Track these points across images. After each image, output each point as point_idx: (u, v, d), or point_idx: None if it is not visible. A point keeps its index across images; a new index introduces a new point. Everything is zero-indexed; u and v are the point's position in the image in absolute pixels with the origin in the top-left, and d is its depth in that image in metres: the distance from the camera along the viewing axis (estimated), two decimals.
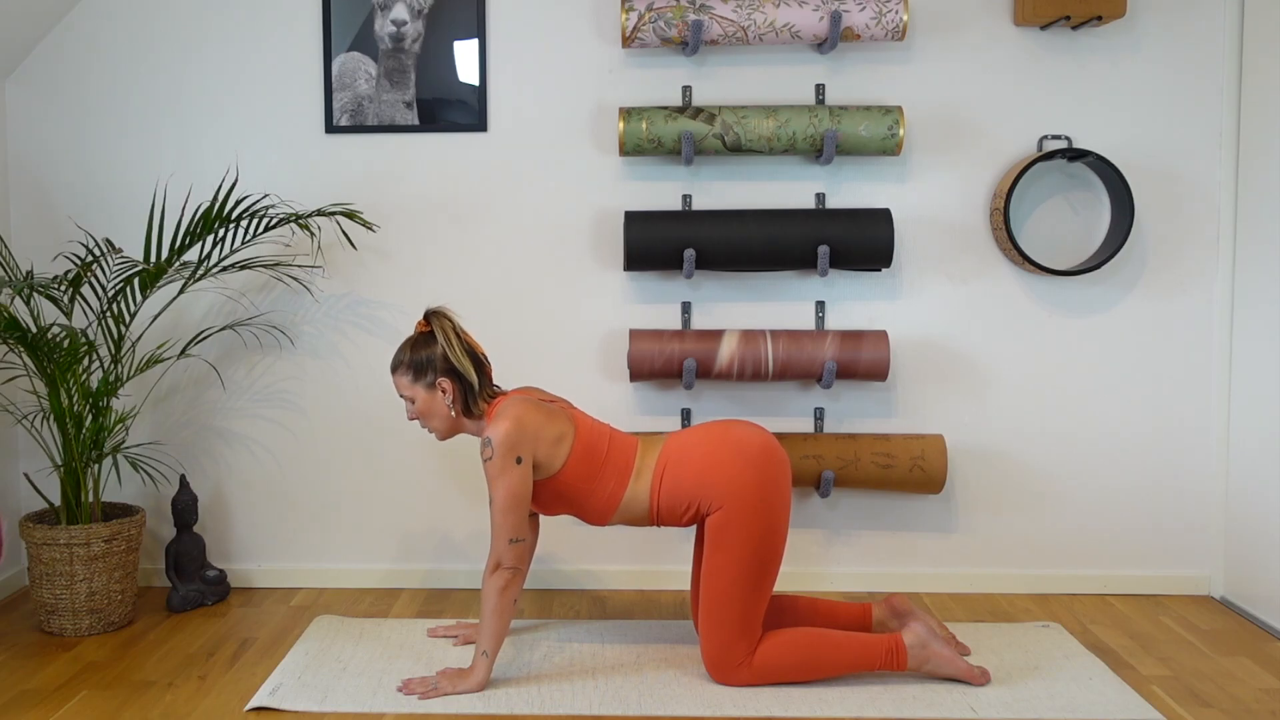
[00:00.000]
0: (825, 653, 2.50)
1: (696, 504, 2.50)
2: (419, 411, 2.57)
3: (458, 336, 2.54)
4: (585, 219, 3.21)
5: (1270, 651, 2.78)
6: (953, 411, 3.22)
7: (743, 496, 2.45)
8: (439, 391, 2.53)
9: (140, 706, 2.44)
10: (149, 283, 2.90)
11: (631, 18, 2.98)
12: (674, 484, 2.51)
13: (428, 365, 2.53)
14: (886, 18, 2.97)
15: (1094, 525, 3.24)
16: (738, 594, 2.46)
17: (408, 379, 2.55)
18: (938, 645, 2.52)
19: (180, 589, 3.08)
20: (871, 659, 2.51)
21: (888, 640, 2.52)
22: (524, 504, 2.45)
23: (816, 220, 3.04)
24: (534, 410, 2.48)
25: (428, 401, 2.55)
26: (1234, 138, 3.12)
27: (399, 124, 3.18)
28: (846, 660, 2.50)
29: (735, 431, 2.54)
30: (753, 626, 2.48)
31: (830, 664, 2.50)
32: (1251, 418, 3.06)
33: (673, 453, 2.54)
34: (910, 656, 2.51)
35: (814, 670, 2.51)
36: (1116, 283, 3.18)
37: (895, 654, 2.51)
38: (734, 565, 2.45)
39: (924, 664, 2.52)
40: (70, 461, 2.90)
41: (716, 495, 2.47)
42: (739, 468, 2.47)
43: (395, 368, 2.57)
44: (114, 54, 3.20)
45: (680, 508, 2.52)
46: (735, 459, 2.48)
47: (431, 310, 2.56)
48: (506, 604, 2.46)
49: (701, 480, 2.48)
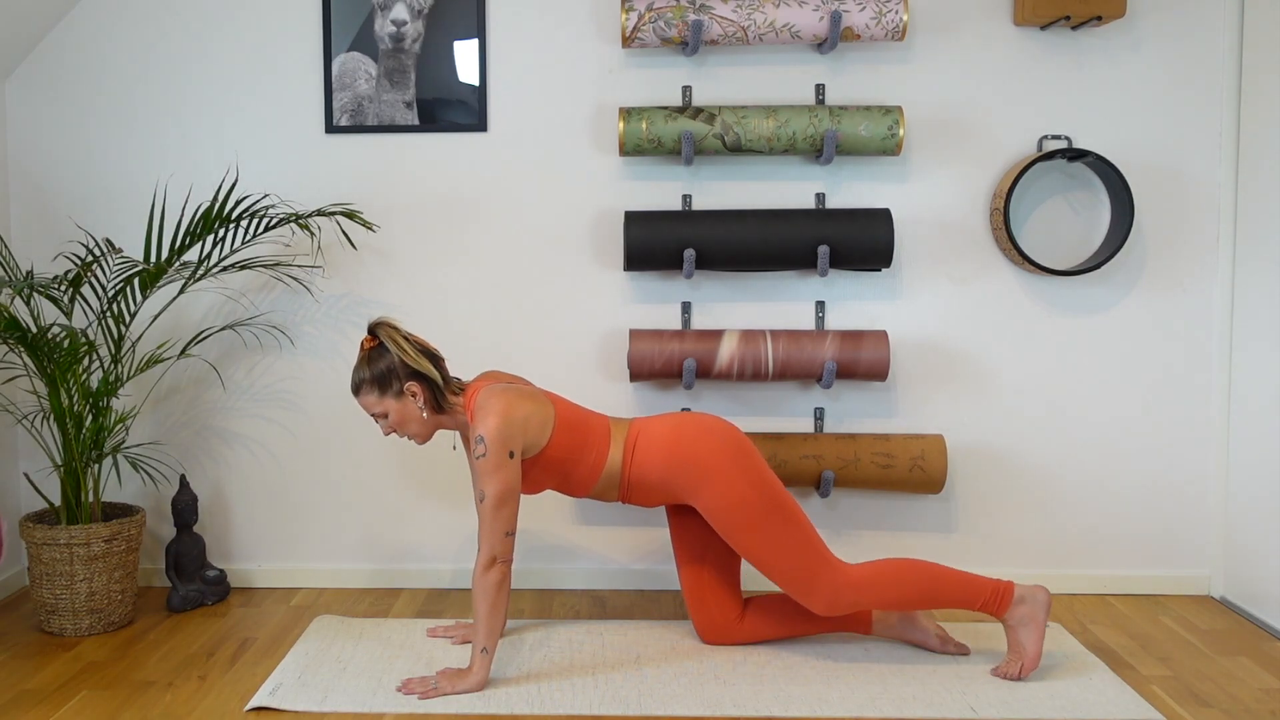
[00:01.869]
0: (928, 583, 2.54)
1: (669, 483, 2.57)
2: (394, 423, 2.57)
3: (407, 340, 2.54)
4: (585, 219, 3.21)
5: (1270, 651, 2.78)
6: (953, 411, 3.22)
7: (722, 468, 2.52)
8: (409, 397, 2.54)
9: (140, 706, 2.44)
10: (149, 283, 2.90)
11: (631, 18, 2.98)
12: (644, 455, 2.58)
13: (390, 375, 2.54)
14: (886, 18, 2.97)
15: (1094, 525, 3.24)
16: (780, 542, 2.52)
17: (374, 395, 2.55)
18: (1041, 612, 2.55)
19: (180, 589, 3.08)
20: (975, 596, 2.54)
21: (994, 582, 2.56)
22: (517, 497, 2.47)
23: (816, 220, 3.04)
24: (515, 398, 2.50)
25: (400, 410, 2.56)
26: (1234, 138, 3.12)
27: (399, 124, 3.18)
28: (949, 593, 2.54)
29: (698, 416, 2.65)
30: (822, 554, 2.54)
31: (933, 594, 2.54)
32: (1251, 417, 3.06)
33: (642, 428, 2.63)
34: (1014, 602, 2.54)
35: (915, 599, 2.54)
36: (1116, 283, 3.18)
37: (1000, 595, 2.54)
38: (756, 528, 2.52)
39: (1018, 619, 2.55)
40: (70, 461, 2.90)
41: (693, 477, 2.54)
42: (709, 441, 2.55)
43: (358, 389, 2.57)
44: (114, 54, 3.20)
45: (652, 481, 2.59)
46: (704, 435, 2.57)
47: (374, 323, 2.57)
48: (503, 599, 2.47)
49: (674, 452, 2.56)
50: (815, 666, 2.63)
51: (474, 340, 3.24)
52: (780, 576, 2.55)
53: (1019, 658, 2.55)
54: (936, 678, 2.56)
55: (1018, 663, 2.55)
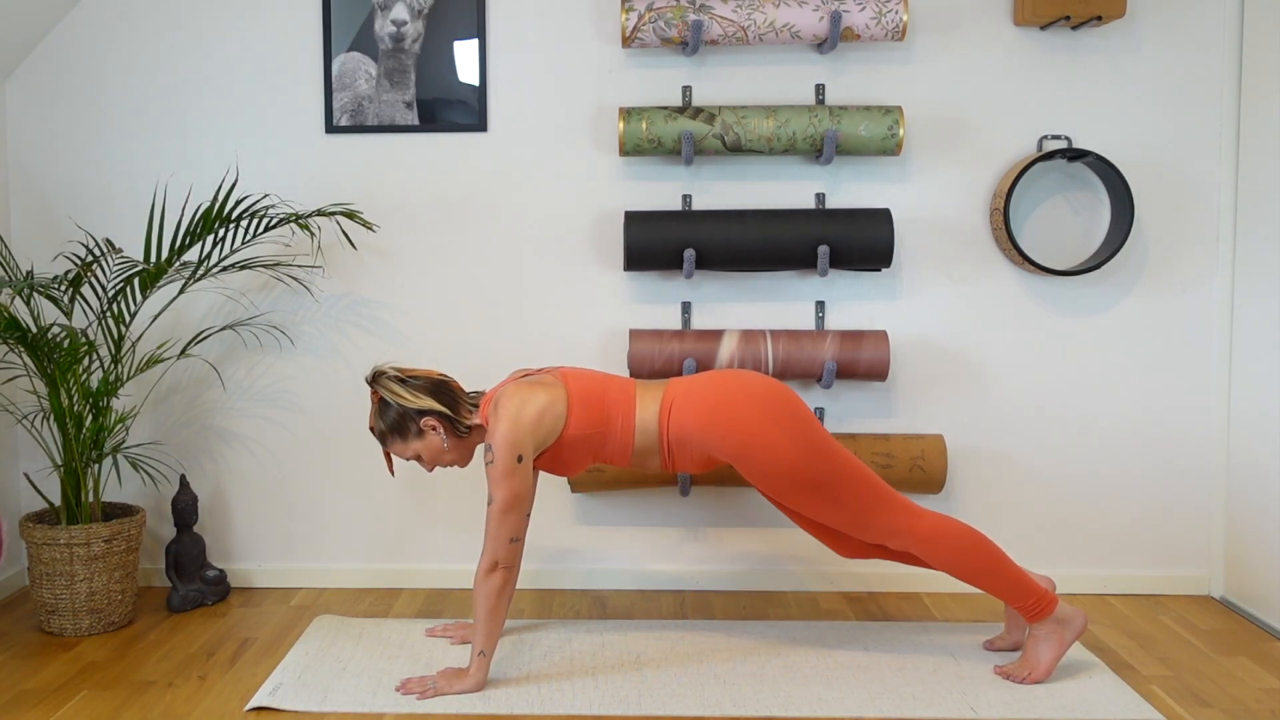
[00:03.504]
0: (988, 560, 2.51)
1: (712, 442, 2.49)
2: (430, 460, 2.58)
3: (404, 384, 2.52)
4: (585, 219, 3.21)
5: (1270, 651, 2.78)
6: (953, 411, 3.22)
7: (763, 431, 2.44)
8: (429, 432, 2.54)
9: (140, 706, 2.44)
10: (149, 283, 2.90)
11: (631, 18, 2.98)
12: (681, 417, 2.50)
13: (404, 420, 2.53)
14: (886, 18, 2.97)
15: (1093, 525, 3.24)
16: (838, 495, 2.47)
17: (400, 443, 2.56)
18: (1070, 635, 2.53)
19: (180, 589, 3.08)
20: (1025, 591, 2.51)
21: (1043, 588, 2.53)
22: (525, 503, 2.45)
23: (816, 220, 3.04)
24: (527, 396, 2.47)
25: (428, 448, 2.56)
26: (1234, 138, 3.12)
27: (399, 124, 3.18)
28: (1005, 578, 2.51)
29: (740, 374, 2.56)
30: (885, 496, 2.49)
31: (988, 571, 2.51)
32: (1251, 417, 3.06)
33: (679, 389, 2.54)
34: (1052, 616, 2.52)
35: (973, 568, 2.51)
36: (1116, 283, 3.18)
37: (1045, 601, 2.51)
38: (810, 487, 2.46)
39: (1046, 632, 2.53)
40: (70, 461, 2.90)
41: (738, 437, 2.45)
42: (747, 404, 2.47)
43: (383, 440, 2.58)
44: (114, 54, 3.20)
45: (692, 443, 2.51)
46: (743, 396, 2.48)
47: (368, 377, 2.55)
48: (503, 604, 2.46)
49: (712, 414, 2.48)
50: (815, 666, 2.63)
51: (474, 340, 3.24)
52: (849, 524, 2.51)
53: (1030, 667, 2.54)
54: (936, 678, 2.56)
55: (1027, 669, 2.54)
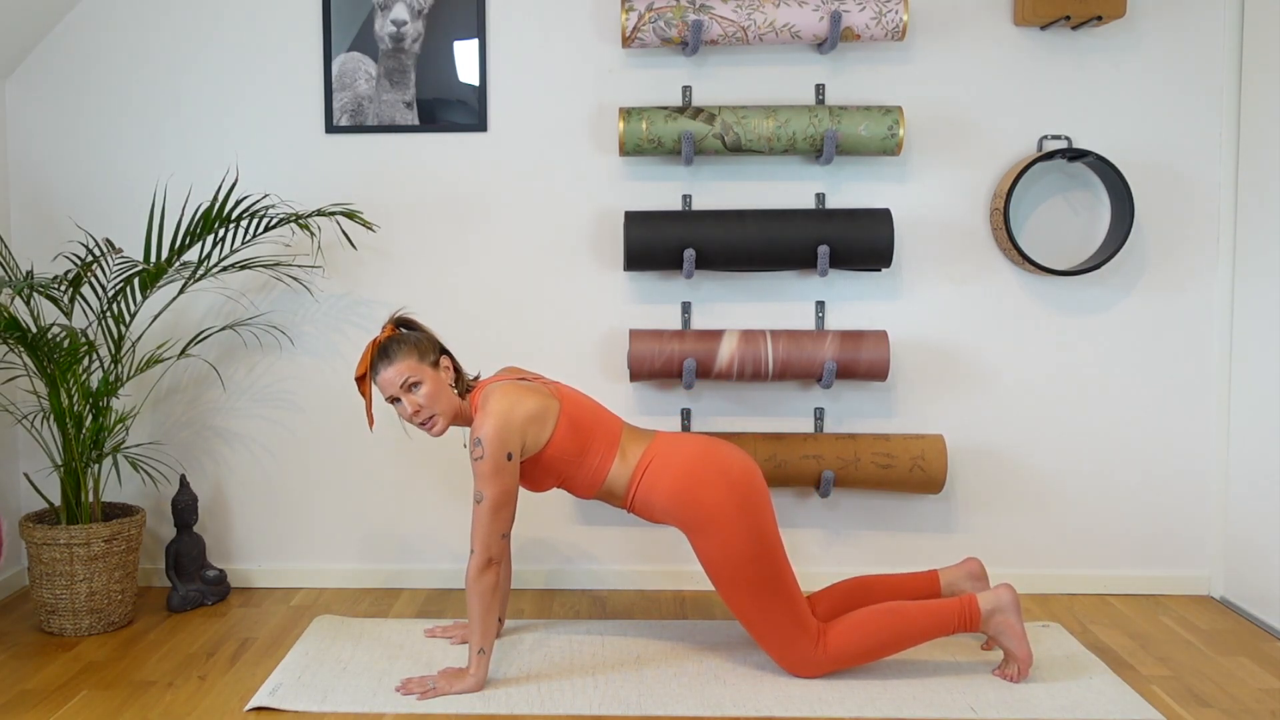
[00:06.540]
0: (898, 625, 2.51)
1: (675, 514, 2.50)
2: (427, 396, 2.45)
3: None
4: (585, 219, 3.21)
5: (1270, 651, 2.78)
6: (953, 411, 3.22)
7: (726, 520, 2.46)
8: (443, 370, 2.51)
9: (140, 706, 2.44)
10: (149, 283, 2.90)
11: (631, 18, 2.98)
12: (654, 480, 2.51)
13: (427, 344, 2.50)
14: (886, 18, 2.97)
15: (1094, 525, 3.24)
16: (765, 605, 2.48)
17: (413, 359, 2.44)
18: (1013, 616, 2.53)
19: (180, 589, 3.08)
20: (945, 623, 2.51)
21: (958, 603, 2.53)
22: (515, 499, 2.45)
23: (816, 220, 3.04)
24: (520, 396, 2.45)
25: (435, 382, 2.47)
26: (1234, 138, 3.12)
27: (399, 124, 3.18)
28: (920, 629, 2.51)
29: (721, 450, 2.54)
30: (801, 619, 2.50)
31: (905, 635, 2.51)
32: (1251, 418, 3.06)
33: (660, 450, 2.53)
34: (984, 617, 2.52)
35: (890, 644, 2.52)
36: (1116, 283, 3.18)
37: (968, 614, 2.52)
38: (745, 585, 2.47)
39: (995, 629, 2.53)
40: (70, 461, 2.90)
41: (700, 517, 2.47)
42: (720, 489, 2.47)
43: (394, 356, 2.44)
44: (114, 54, 3.20)
45: (656, 508, 2.53)
46: (718, 479, 2.48)
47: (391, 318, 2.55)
48: (498, 600, 2.48)
49: (682, 491, 2.48)
50: None
51: (474, 340, 3.24)
52: (758, 634, 2.52)
53: (1011, 662, 2.56)
54: (936, 678, 2.56)
55: (1013, 665, 2.55)
